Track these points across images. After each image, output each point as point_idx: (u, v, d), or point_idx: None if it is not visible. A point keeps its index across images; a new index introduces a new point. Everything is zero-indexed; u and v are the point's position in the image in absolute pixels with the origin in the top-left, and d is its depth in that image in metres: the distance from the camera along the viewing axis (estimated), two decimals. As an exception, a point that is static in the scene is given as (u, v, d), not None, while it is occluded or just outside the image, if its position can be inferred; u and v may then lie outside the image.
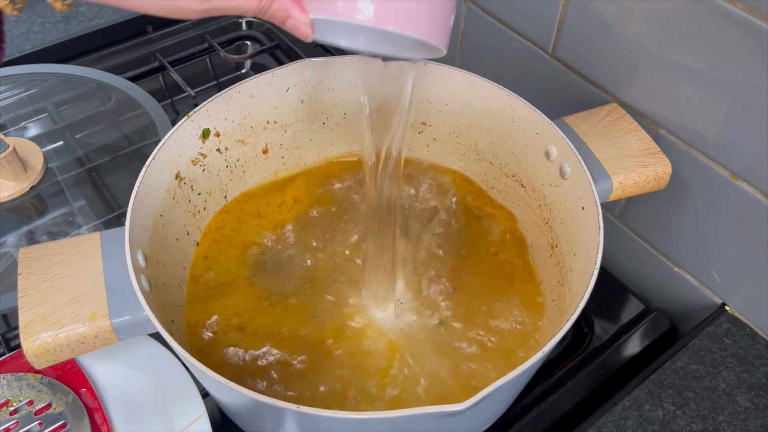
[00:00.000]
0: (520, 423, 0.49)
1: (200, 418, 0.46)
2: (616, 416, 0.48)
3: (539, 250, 0.52)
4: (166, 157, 0.47)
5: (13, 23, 0.83)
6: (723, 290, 0.55)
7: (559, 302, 0.47)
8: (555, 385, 0.52)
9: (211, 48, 0.79)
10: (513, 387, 0.44)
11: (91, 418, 0.46)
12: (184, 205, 0.50)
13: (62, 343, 0.38)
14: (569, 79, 0.58)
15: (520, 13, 0.60)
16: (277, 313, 0.50)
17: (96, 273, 0.40)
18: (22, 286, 0.39)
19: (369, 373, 0.46)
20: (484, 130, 0.54)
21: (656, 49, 0.50)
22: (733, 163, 0.49)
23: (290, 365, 0.46)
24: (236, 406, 0.42)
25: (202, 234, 0.52)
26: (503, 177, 0.55)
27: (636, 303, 0.58)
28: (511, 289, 0.51)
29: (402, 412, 0.33)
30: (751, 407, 0.48)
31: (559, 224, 0.49)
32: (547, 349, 0.36)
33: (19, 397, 0.47)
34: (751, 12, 0.43)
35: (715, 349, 0.52)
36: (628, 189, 0.48)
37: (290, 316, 0.49)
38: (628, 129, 0.50)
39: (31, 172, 0.63)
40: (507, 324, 0.49)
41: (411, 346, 0.48)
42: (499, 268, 0.52)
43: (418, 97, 0.55)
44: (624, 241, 0.62)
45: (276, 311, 0.50)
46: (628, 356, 0.54)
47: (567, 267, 0.47)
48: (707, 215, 0.53)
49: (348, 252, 0.54)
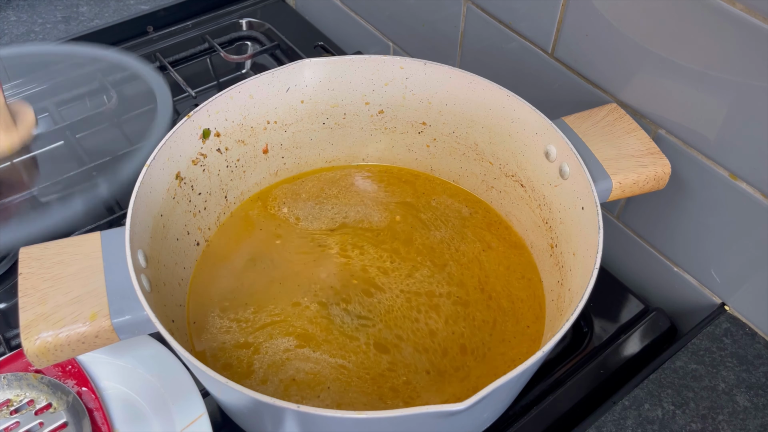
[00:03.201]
0: (519, 422, 0.49)
1: (200, 418, 0.46)
2: (615, 416, 0.48)
3: (539, 250, 0.53)
4: (166, 157, 0.47)
5: (13, 23, 0.83)
6: (722, 290, 0.55)
7: (559, 302, 0.47)
8: (555, 384, 0.52)
9: (211, 48, 0.80)
10: (513, 387, 0.44)
11: (92, 417, 0.46)
12: (185, 204, 0.50)
13: (63, 343, 0.38)
14: (569, 79, 0.58)
15: (519, 13, 0.60)
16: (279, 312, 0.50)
17: (96, 273, 0.40)
18: (23, 286, 0.39)
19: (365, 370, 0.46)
20: (483, 130, 0.54)
21: (656, 49, 0.50)
22: (733, 163, 0.49)
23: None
24: (236, 406, 0.42)
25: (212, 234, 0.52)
26: (503, 177, 0.55)
27: (635, 303, 0.58)
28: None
29: (402, 411, 0.33)
30: (750, 407, 0.48)
31: (559, 224, 0.49)
32: (547, 348, 0.36)
33: (19, 397, 0.47)
34: (750, 12, 0.43)
35: (714, 349, 0.52)
36: (628, 189, 0.48)
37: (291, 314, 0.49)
38: (627, 129, 0.50)
39: (22, 127, 0.62)
40: (507, 324, 0.49)
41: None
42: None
43: (419, 97, 0.55)
44: (623, 241, 0.62)
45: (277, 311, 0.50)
46: (628, 356, 0.54)
47: (567, 267, 0.47)
48: (707, 215, 0.53)
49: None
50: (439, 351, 0.48)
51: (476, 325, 0.50)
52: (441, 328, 0.49)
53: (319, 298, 0.51)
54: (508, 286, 0.52)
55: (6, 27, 0.83)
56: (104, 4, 0.86)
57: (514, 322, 0.50)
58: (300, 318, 0.49)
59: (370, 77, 0.54)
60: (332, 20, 0.87)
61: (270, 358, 0.47)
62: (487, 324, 0.50)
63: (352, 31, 0.84)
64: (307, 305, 0.50)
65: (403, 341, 0.48)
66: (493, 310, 0.50)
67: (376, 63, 0.53)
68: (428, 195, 0.59)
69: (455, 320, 0.50)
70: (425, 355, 0.48)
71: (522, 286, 0.52)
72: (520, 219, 0.55)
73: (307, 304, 0.50)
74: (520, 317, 0.50)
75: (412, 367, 0.47)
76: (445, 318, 0.50)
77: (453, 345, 0.48)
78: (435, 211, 0.57)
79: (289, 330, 0.49)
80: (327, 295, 0.51)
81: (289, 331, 0.49)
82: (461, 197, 0.58)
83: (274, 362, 0.47)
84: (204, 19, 0.84)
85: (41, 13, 0.85)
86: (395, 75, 0.54)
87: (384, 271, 0.52)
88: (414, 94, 0.55)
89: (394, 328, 0.49)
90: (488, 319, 0.50)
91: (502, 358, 0.48)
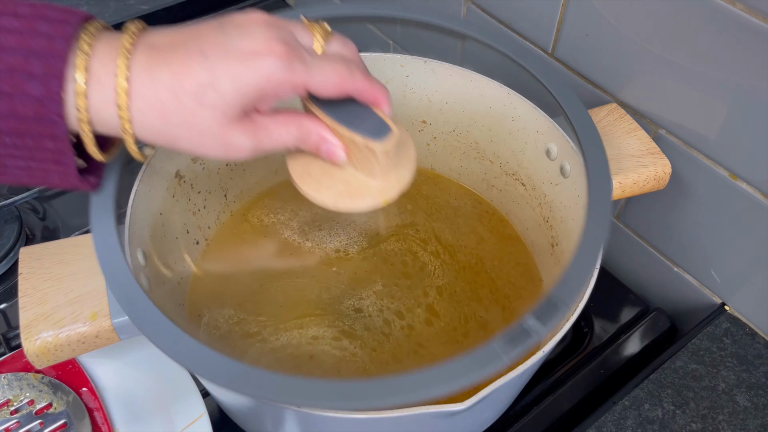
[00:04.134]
0: (520, 422, 0.49)
1: (200, 418, 0.46)
2: (615, 416, 0.48)
3: (540, 249, 0.53)
4: (165, 155, 0.47)
5: (12, 22, 0.83)
6: (722, 290, 0.55)
7: (559, 302, 0.47)
8: (555, 384, 0.52)
9: (211, 47, 0.79)
10: (513, 387, 0.44)
11: (92, 417, 0.46)
12: (184, 203, 0.50)
13: (63, 343, 0.38)
14: (569, 79, 0.58)
15: (519, 13, 0.60)
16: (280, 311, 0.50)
17: (96, 272, 0.40)
18: (23, 286, 0.39)
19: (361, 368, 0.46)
20: (484, 128, 0.54)
21: (656, 49, 0.50)
22: (733, 163, 0.49)
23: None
24: (236, 405, 0.42)
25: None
26: (503, 175, 0.55)
27: (636, 303, 0.58)
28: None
29: (402, 411, 0.33)
30: (750, 407, 0.48)
31: (560, 223, 0.49)
32: (547, 348, 0.36)
33: (19, 397, 0.47)
34: (750, 12, 0.43)
35: (714, 349, 0.52)
36: (628, 189, 0.48)
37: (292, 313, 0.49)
38: (627, 129, 0.50)
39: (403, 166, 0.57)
40: (507, 323, 0.49)
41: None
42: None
43: (419, 95, 0.55)
44: (624, 241, 0.62)
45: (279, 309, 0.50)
46: (628, 356, 0.54)
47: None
48: (707, 215, 0.53)
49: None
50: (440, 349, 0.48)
51: (476, 323, 0.50)
52: (441, 327, 0.49)
53: (319, 296, 0.51)
54: (508, 283, 0.52)
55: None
56: (104, 4, 0.86)
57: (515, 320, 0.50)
58: (300, 317, 0.49)
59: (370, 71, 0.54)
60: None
61: (270, 358, 0.47)
62: (487, 322, 0.50)
63: (352, 30, 0.84)
64: (307, 304, 0.50)
65: (402, 339, 0.48)
66: (492, 307, 0.50)
67: (376, 61, 0.53)
68: (429, 194, 0.59)
69: (455, 319, 0.50)
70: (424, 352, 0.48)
71: (522, 284, 0.52)
72: (521, 217, 0.55)
73: (307, 303, 0.50)
74: (520, 315, 0.50)
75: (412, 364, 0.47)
76: (444, 318, 0.50)
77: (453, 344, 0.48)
78: (435, 210, 0.57)
79: (289, 329, 0.49)
80: (327, 293, 0.51)
81: (289, 331, 0.49)
82: (462, 196, 0.58)
83: (274, 362, 0.47)
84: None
85: (41, 12, 0.84)
86: (395, 73, 0.54)
87: (384, 270, 0.52)
88: (414, 92, 0.55)
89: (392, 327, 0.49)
90: (488, 318, 0.50)
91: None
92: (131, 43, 0.33)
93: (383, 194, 0.38)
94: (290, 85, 0.34)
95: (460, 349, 0.48)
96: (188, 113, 0.32)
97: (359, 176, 0.39)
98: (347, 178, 0.39)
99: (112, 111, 0.32)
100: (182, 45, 0.33)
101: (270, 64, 0.33)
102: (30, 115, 0.31)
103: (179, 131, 0.33)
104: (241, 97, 0.33)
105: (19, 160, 0.33)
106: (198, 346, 0.33)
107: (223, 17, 0.35)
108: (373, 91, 0.37)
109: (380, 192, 0.38)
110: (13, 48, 0.30)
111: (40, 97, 0.31)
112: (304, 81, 0.34)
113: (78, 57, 0.31)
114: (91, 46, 0.32)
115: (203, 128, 0.33)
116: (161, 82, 0.32)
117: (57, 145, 0.32)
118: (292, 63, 0.33)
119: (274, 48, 0.33)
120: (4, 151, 0.32)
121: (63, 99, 0.31)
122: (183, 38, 0.34)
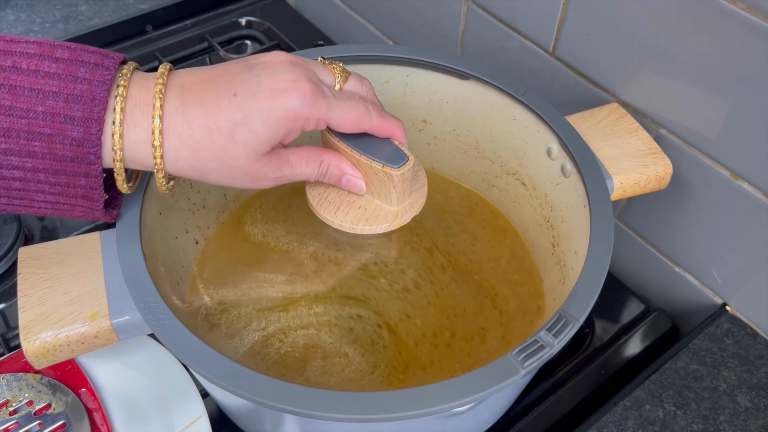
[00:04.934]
0: (520, 423, 0.49)
1: (200, 418, 0.46)
2: (616, 416, 0.48)
3: (540, 249, 0.52)
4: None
5: (12, 23, 0.83)
6: (724, 290, 0.55)
7: (560, 302, 0.47)
8: (555, 385, 0.52)
9: (210, 47, 0.79)
10: (513, 387, 0.44)
11: (91, 418, 0.46)
12: (183, 203, 0.50)
13: (62, 343, 0.37)
14: (570, 78, 0.58)
15: (520, 12, 0.60)
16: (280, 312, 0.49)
17: (96, 273, 0.40)
18: (22, 286, 0.39)
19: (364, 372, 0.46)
20: (485, 127, 0.54)
21: (657, 49, 0.50)
22: (734, 162, 0.49)
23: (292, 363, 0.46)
24: (236, 406, 0.42)
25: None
26: (504, 175, 0.55)
27: (636, 303, 0.58)
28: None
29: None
30: (751, 407, 0.48)
31: (560, 222, 0.49)
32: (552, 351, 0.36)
33: (18, 397, 0.46)
34: (751, 11, 0.43)
35: (715, 350, 0.52)
36: (629, 189, 0.48)
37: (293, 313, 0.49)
38: (629, 129, 0.50)
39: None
40: (508, 324, 0.49)
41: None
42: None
43: (419, 94, 0.55)
44: (624, 241, 0.62)
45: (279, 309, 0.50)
46: (629, 356, 0.54)
47: (568, 266, 0.47)
48: (708, 215, 0.53)
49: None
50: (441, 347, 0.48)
51: (476, 323, 0.49)
52: (440, 327, 0.49)
53: (319, 295, 0.51)
54: (508, 283, 0.52)
55: (5, 26, 0.83)
56: (103, 3, 0.86)
57: (515, 320, 0.50)
58: (300, 316, 0.49)
59: (370, 75, 0.54)
60: (332, 19, 0.86)
61: (270, 357, 0.47)
62: (488, 322, 0.49)
63: (351, 29, 0.84)
64: (307, 303, 0.50)
65: (402, 340, 0.48)
66: (492, 307, 0.50)
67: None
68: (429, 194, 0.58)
69: (454, 319, 0.49)
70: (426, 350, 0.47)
71: (523, 284, 0.52)
72: (521, 217, 0.55)
73: (306, 302, 0.50)
74: (521, 316, 0.50)
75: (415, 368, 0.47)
76: (443, 318, 0.50)
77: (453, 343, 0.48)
78: (435, 210, 0.57)
79: (289, 329, 0.49)
80: (326, 292, 0.51)
81: (289, 330, 0.48)
82: (462, 195, 0.58)
83: (274, 361, 0.47)
84: (203, 18, 0.84)
85: (40, 12, 0.84)
86: (395, 72, 0.54)
87: (384, 269, 0.52)
88: (414, 91, 0.55)
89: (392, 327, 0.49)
90: (489, 318, 0.50)
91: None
92: (163, 83, 0.34)
93: (398, 218, 0.41)
94: (315, 120, 0.36)
95: (460, 351, 0.48)
96: (220, 149, 0.34)
97: (376, 201, 0.42)
98: (364, 203, 0.41)
99: (146, 149, 0.34)
100: (212, 84, 0.35)
101: (296, 99, 0.35)
102: (68, 156, 0.33)
103: (210, 165, 0.35)
104: (271, 132, 0.35)
105: (48, 195, 0.34)
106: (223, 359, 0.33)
107: (248, 57, 0.37)
108: (388, 127, 0.40)
109: (395, 216, 0.41)
110: (54, 92, 0.32)
111: (80, 138, 0.32)
112: (326, 116, 0.37)
113: (116, 101, 0.33)
114: (126, 89, 0.34)
115: (235, 163, 0.35)
116: (194, 121, 0.34)
117: (89, 183, 0.34)
118: (317, 100, 0.36)
119: (300, 86, 0.35)
120: (36, 187, 0.34)
121: (101, 140, 0.33)
122: (212, 77, 0.35)
